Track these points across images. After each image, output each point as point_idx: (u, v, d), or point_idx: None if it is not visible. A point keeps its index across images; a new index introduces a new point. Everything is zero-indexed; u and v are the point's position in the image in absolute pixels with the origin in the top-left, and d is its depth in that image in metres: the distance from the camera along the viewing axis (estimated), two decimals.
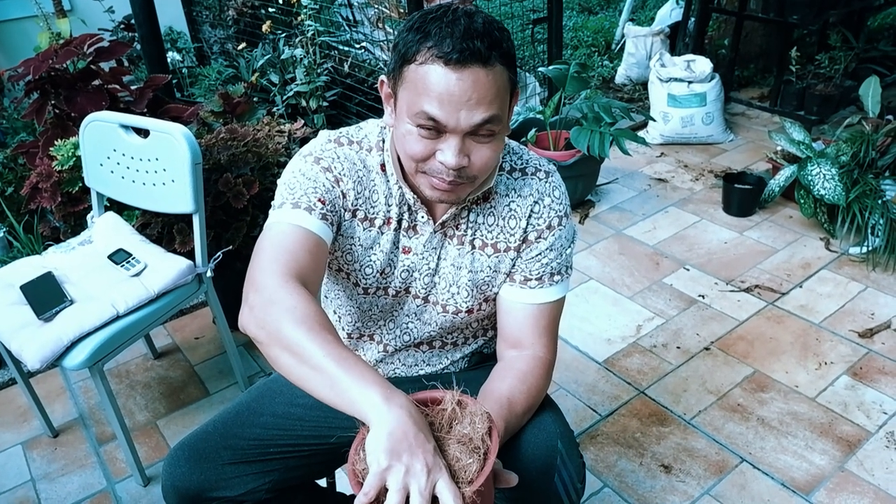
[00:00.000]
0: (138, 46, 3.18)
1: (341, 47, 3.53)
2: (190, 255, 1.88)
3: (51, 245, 1.96)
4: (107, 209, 2.03)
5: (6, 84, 3.19)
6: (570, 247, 1.17)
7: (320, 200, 1.05)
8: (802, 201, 2.74)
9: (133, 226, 2.01)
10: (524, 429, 1.06)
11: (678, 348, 2.24)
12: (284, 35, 3.45)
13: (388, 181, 1.11)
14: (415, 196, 1.09)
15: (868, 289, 2.47)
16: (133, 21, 3.17)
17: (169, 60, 3.47)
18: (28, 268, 1.83)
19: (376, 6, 3.68)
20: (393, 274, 1.16)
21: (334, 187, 1.08)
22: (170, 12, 4.10)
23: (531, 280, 1.14)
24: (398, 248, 1.14)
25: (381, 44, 3.63)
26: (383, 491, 0.78)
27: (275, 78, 3.33)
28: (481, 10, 0.98)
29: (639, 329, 2.33)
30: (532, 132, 3.02)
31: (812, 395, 2.02)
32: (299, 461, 1.18)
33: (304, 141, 2.29)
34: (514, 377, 1.08)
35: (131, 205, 1.93)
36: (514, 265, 1.15)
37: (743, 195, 2.94)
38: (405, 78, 0.96)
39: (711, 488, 1.76)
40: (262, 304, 0.92)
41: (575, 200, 3.04)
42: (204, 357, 2.31)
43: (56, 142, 2.09)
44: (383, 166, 1.11)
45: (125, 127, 1.83)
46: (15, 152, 2.43)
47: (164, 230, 2.06)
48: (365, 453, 0.82)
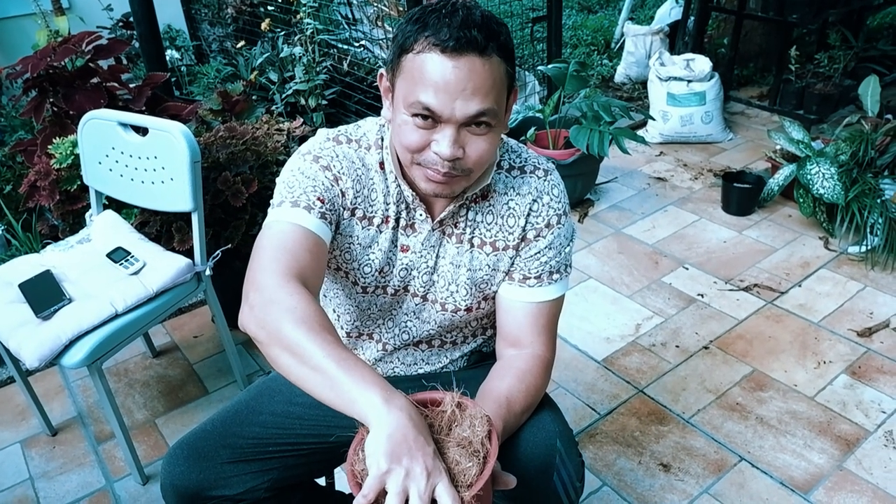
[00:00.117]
0: (137, 44, 3.17)
1: (340, 45, 3.53)
2: (189, 254, 1.88)
3: (49, 243, 1.96)
4: (105, 207, 2.02)
5: (4, 82, 3.19)
6: (569, 245, 1.17)
7: (319, 199, 1.05)
8: (801, 200, 2.74)
9: (132, 224, 2.01)
10: (523, 428, 1.06)
11: (677, 347, 2.24)
12: (283, 33, 3.44)
13: (387, 179, 1.11)
14: (413, 193, 1.09)
15: (867, 288, 2.47)
16: (131, 19, 3.17)
17: (168, 58, 3.46)
18: (26, 266, 1.83)
19: (375, 4, 3.68)
20: (391, 272, 1.16)
21: (333, 186, 1.07)
22: (168, 10, 4.09)
23: (530, 278, 1.14)
24: (396, 247, 1.14)
25: (381, 42, 3.63)
26: (382, 493, 0.78)
27: (274, 76, 3.32)
28: (480, 6, 0.98)
29: (638, 328, 2.33)
30: (531, 131, 3.02)
31: (811, 394, 2.02)
32: (298, 460, 1.18)
33: (303, 139, 2.29)
34: (513, 376, 1.08)
35: (130, 203, 1.93)
36: (513, 264, 1.15)
37: (742, 194, 2.94)
38: (403, 68, 0.97)
39: (710, 487, 1.76)
40: (263, 304, 0.92)
41: (574, 199, 3.04)
42: (203, 356, 2.31)
43: (54, 140, 2.09)
44: (382, 164, 1.11)
45: (124, 125, 1.83)
46: (13, 150, 2.43)
47: (163, 228, 2.06)
48: (364, 454, 0.82)
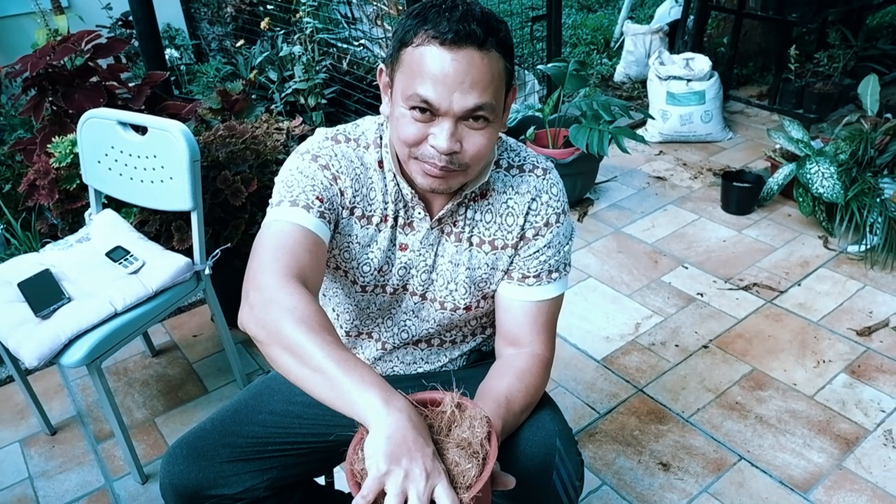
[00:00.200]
0: (136, 43, 3.17)
1: (340, 44, 3.53)
2: (188, 253, 1.87)
3: (48, 242, 1.96)
4: (105, 206, 2.02)
5: (3, 81, 3.19)
6: (568, 244, 1.17)
7: (318, 198, 1.05)
8: (801, 199, 2.74)
9: (131, 223, 2.01)
10: (522, 427, 1.06)
11: (677, 346, 2.24)
12: (283, 32, 3.44)
13: (386, 178, 1.11)
14: (412, 191, 1.09)
15: (866, 287, 2.47)
16: (131, 18, 3.17)
17: (167, 57, 3.46)
18: (26, 265, 1.83)
19: (375, 3, 3.67)
20: (390, 271, 1.15)
21: (332, 185, 1.07)
22: (168, 9, 4.09)
23: (529, 277, 1.14)
24: (395, 246, 1.14)
25: (380, 41, 3.63)
26: (381, 494, 0.78)
27: (273, 75, 3.32)
28: (480, 4, 0.99)
29: (637, 327, 2.33)
30: (531, 130, 3.02)
31: (810, 394, 2.02)
32: (297, 459, 1.18)
33: (303, 138, 2.29)
34: (513, 375, 1.08)
35: (129, 202, 1.93)
36: (512, 262, 1.15)
37: (742, 193, 2.94)
38: (402, 62, 0.97)
39: (710, 486, 1.76)
40: (263, 303, 0.92)
41: (574, 198, 3.03)
42: (202, 355, 2.31)
43: (54, 139, 2.09)
44: (381, 163, 1.11)
45: (123, 124, 1.82)
46: (12, 149, 2.42)
47: (163, 227, 2.05)
48: (363, 453, 0.82)
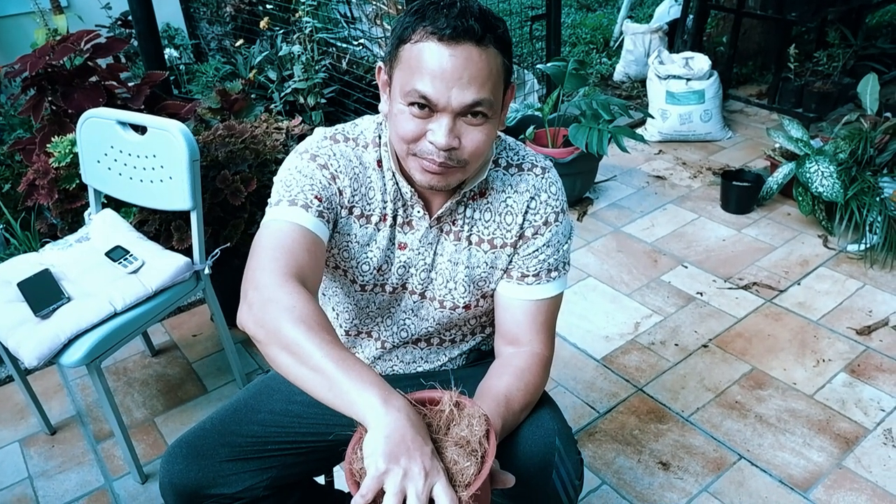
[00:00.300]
0: (135, 43, 3.16)
1: (339, 44, 3.52)
2: (188, 253, 1.87)
3: (48, 242, 1.96)
4: (104, 206, 2.02)
5: (3, 80, 3.18)
6: (567, 243, 1.17)
7: (317, 198, 1.05)
8: (801, 199, 2.74)
9: (130, 223, 2.01)
10: (522, 426, 1.06)
11: (676, 346, 2.24)
12: (282, 32, 3.44)
13: (384, 177, 1.11)
14: (411, 189, 1.09)
15: (866, 286, 2.47)
16: (130, 17, 3.17)
17: (166, 57, 3.46)
18: (25, 265, 1.83)
19: (374, 3, 3.67)
20: (390, 270, 1.16)
21: (331, 184, 1.07)
22: (167, 9, 4.08)
23: (528, 276, 1.14)
24: (394, 245, 1.14)
25: (379, 40, 3.62)
26: (380, 493, 0.78)
27: (272, 75, 3.32)
28: (479, 3, 0.99)
29: (637, 326, 2.33)
30: (530, 129, 3.02)
31: (810, 393, 2.02)
32: (297, 458, 1.18)
33: (302, 138, 2.28)
34: (512, 374, 1.08)
35: (129, 202, 1.93)
36: (511, 261, 1.15)
37: (741, 192, 2.94)
38: (400, 58, 0.98)
39: (709, 485, 1.76)
40: (261, 303, 0.92)
41: (573, 198, 3.03)
42: (202, 354, 2.31)
43: (53, 138, 2.09)
44: (380, 162, 1.11)
45: (122, 124, 1.82)
46: (12, 149, 2.42)
47: (162, 227, 2.05)
48: (362, 452, 0.82)
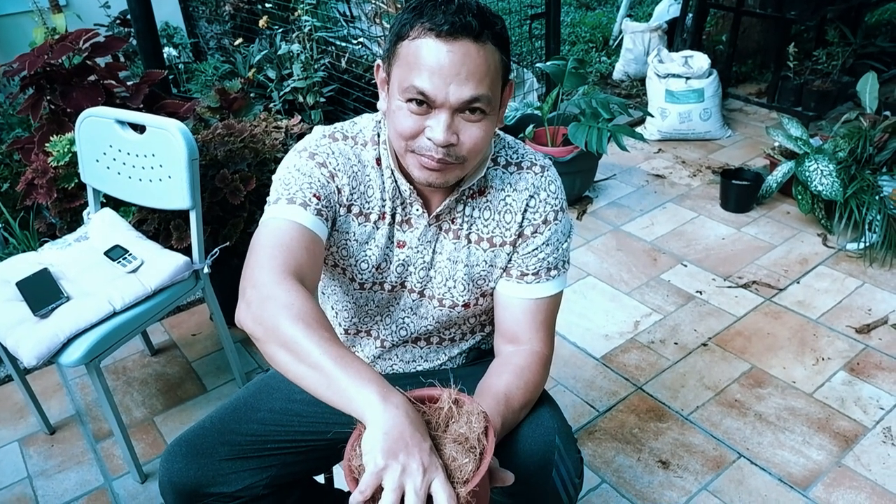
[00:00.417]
0: (134, 42, 3.16)
1: (338, 43, 3.52)
2: (187, 252, 1.87)
3: (47, 241, 1.96)
4: (103, 205, 2.02)
5: (1, 79, 3.18)
6: (567, 241, 1.17)
7: (315, 196, 1.05)
8: (800, 197, 2.74)
9: (129, 222, 2.01)
10: (522, 424, 1.06)
11: (676, 344, 2.24)
12: (281, 30, 3.44)
13: (383, 175, 1.11)
14: (410, 187, 1.09)
15: (865, 285, 2.47)
16: (129, 16, 3.16)
17: (165, 56, 3.46)
18: (24, 264, 1.82)
19: (373, 1, 3.67)
20: (388, 269, 1.15)
21: (329, 182, 1.07)
22: (166, 8, 4.08)
23: (528, 275, 1.14)
24: (393, 243, 1.14)
25: (378, 39, 3.62)
26: (379, 489, 0.79)
27: (272, 73, 3.32)
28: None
29: (636, 325, 2.33)
30: (530, 128, 3.02)
31: (809, 391, 2.02)
32: (297, 457, 1.18)
33: (301, 137, 2.28)
34: (511, 373, 1.08)
35: (128, 201, 1.92)
36: (511, 260, 1.15)
37: (740, 191, 2.94)
38: (398, 55, 0.98)
39: (709, 484, 1.76)
40: (260, 301, 0.92)
41: (573, 196, 3.03)
42: (201, 353, 2.31)
43: (52, 137, 2.08)
44: (378, 161, 1.11)
45: (121, 123, 1.82)
46: (10, 148, 2.42)
47: (161, 226, 2.05)
48: (361, 449, 0.82)
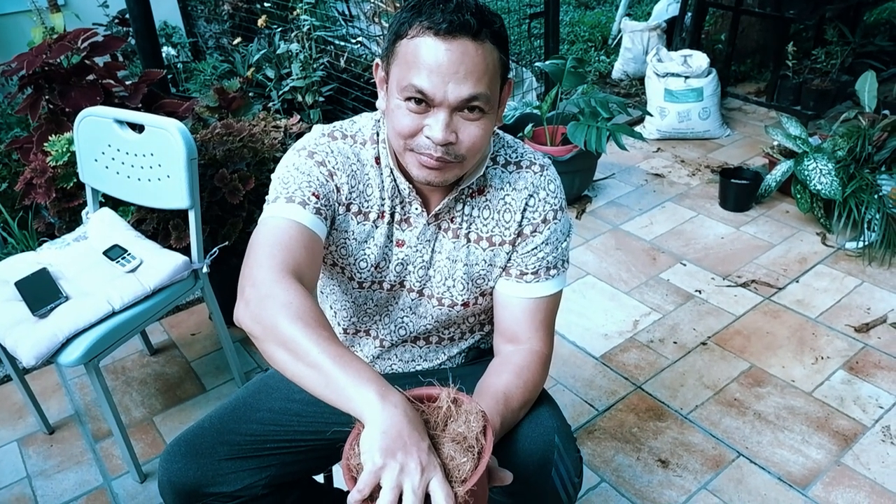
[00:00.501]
0: (133, 41, 3.16)
1: (337, 42, 3.52)
2: (186, 251, 1.87)
3: (45, 241, 1.95)
4: (102, 205, 2.02)
5: (0, 79, 3.17)
6: (566, 241, 1.17)
7: (314, 195, 1.05)
8: (799, 196, 2.74)
9: (128, 221, 2.00)
10: (521, 424, 1.06)
11: (675, 343, 2.24)
12: (280, 30, 3.43)
13: (382, 174, 1.11)
14: (409, 186, 1.09)
15: (864, 283, 2.47)
16: (127, 16, 3.16)
17: (164, 55, 3.45)
18: (23, 264, 1.82)
19: (372, 1, 3.67)
20: (387, 268, 1.15)
21: (328, 181, 1.07)
22: (164, 7, 4.08)
23: (527, 274, 1.14)
24: (392, 242, 1.14)
25: (377, 38, 3.62)
26: (377, 488, 0.79)
27: (270, 73, 3.31)
28: None
29: (636, 324, 2.33)
30: (529, 127, 3.02)
31: (808, 390, 2.03)
32: (296, 457, 1.18)
33: (300, 136, 2.28)
34: (511, 372, 1.08)
35: (126, 200, 1.92)
36: (510, 259, 1.15)
37: (739, 190, 2.94)
38: (397, 54, 0.98)
39: (708, 483, 1.76)
40: (258, 299, 0.92)
41: (572, 196, 3.03)
42: (200, 353, 2.30)
43: (50, 137, 2.08)
44: (377, 159, 1.11)
45: (120, 122, 1.82)
46: (9, 148, 2.42)
47: (160, 226, 2.05)
48: (359, 448, 0.82)
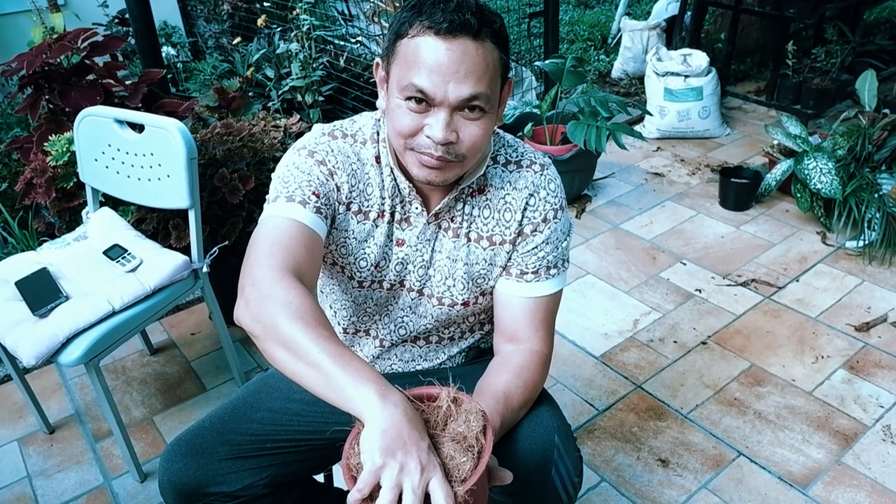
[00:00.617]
0: (133, 41, 3.16)
1: (337, 42, 3.52)
2: (186, 251, 1.87)
3: (46, 241, 1.95)
4: (102, 205, 2.02)
5: (0, 79, 3.17)
6: (566, 240, 1.17)
7: (314, 194, 1.05)
8: (799, 195, 2.74)
9: (128, 221, 2.00)
10: (521, 423, 1.06)
11: (675, 343, 2.24)
12: (280, 29, 3.43)
13: (382, 173, 1.11)
14: (410, 185, 1.09)
15: (864, 283, 2.47)
16: (127, 15, 3.16)
17: (163, 55, 3.45)
18: (23, 264, 1.82)
19: (372, 0, 3.67)
20: (387, 267, 1.15)
21: (328, 180, 1.07)
22: (164, 7, 4.08)
23: (527, 273, 1.14)
24: (392, 241, 1.14)
25: (377, 38, 3.62)
26: (377, 487, 0.79)
27: (270, 73, 3.31)
28: None
29: (636, 323, 2.33)
30: (528, 126, 3.02)
31: (809, 389, 2.03)
32: (296, 456, 1.18)
33: (300, 136, 2.27)
34: (511, 371, 1.08)
35: (126, 200, 1.92)
36: (510, 258, 1.15)
37: (739, 189, 2.94)
38: (397, 53, 0.98)
39: (709, 482, 1.76)
40: (258, 299, 0.92)
41: (571, 195, 3.03)
42: (200, 353, 2.30)
43: (50, 137, 2.08)
44: (378, 159, 1.11)
45: (120, 122, 1.82)
46: (9, 148, 2.42)
47: (160, 226, 2.05)
48: (359, 448, 0.82)
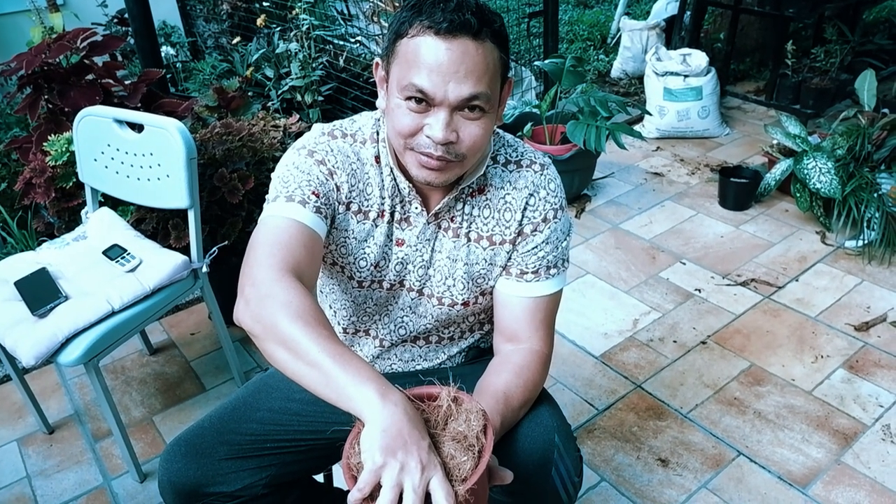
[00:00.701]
0: (132, 41, 3.16)
1: (336, 41, 3.52)
2: (185, 251, 1.87)
3: (45, 241, 1.95)
4: (101, 204, 2.02)
5: None
6: (566, 240, 1.17)
7: (314, 193, 1.05)
8: (798, 195, 2.75)
9: (128, 221, 2.00)
10: (521, 423, 1.06)
11: (675, 342, 2.24)
12: (279, 29, 3.43)
13: (382, 173, 1.11)
14: (409, 185, 1.09)
15: (864, 282, 2.47)
16: (126, 15, 3.16)
17: (163, 55, 3.45)
18: (22, 264, 1.82)
19: (371, 0, 3.67)
20: (387, 267, 1.15)
21: (328, 180, 1.07)
22: (163, 6, 4.08)
23: (527, 273, 1.14)
24: (392, 241, 1.14)
25: (377, 38, 3.62)
26: (377, 487, 0.78)
27: (269, 72, 3.31)
28: None
29: (635, 323, 2.33)
30: (528, 126, 3.02)
31: (808, 389, 2.03)
32: (296, 456, 1.18)
33: (299, 136, 2.28)
34: (511, 371, 1.08)
35: (126, 200, 1.92)
36: (510, 258, 1.15)
37: (739, 189, 2.94)
38: (397, 53, 0.98)
39: (708, 482, 1.76)
40: (258, 298, 0.92)
41: (571, 195, 3.03)
42: (200, 353, 2.30)
43: (49, 137, 2.08)
44: (377, 158, 1.11)
45: (119, 122, 1.82)
46: (8, 148, 2.42)
47: (160, 225, 2.05)
48: (360, 447, 0.82)
